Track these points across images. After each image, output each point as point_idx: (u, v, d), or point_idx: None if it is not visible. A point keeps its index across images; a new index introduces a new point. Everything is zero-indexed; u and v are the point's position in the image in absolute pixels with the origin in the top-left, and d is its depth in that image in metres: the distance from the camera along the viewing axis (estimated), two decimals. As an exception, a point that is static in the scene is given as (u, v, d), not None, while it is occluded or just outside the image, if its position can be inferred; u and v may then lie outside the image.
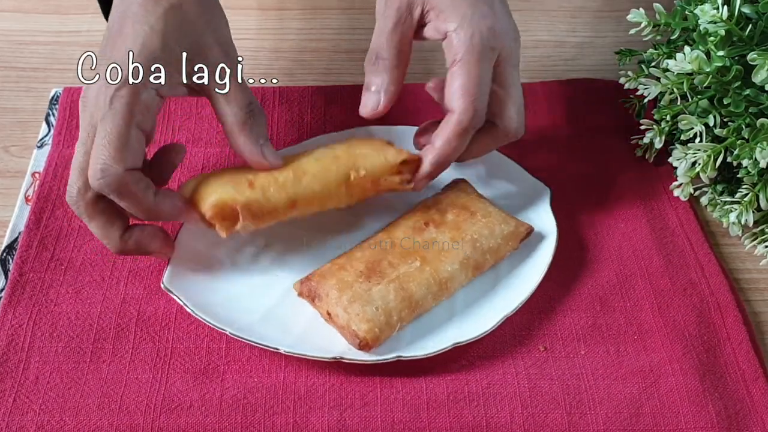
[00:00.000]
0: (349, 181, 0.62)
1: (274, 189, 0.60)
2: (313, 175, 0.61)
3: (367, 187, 0.63)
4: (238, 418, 0.58)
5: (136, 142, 0.56)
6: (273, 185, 0.60)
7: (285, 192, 0.60)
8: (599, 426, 0.59)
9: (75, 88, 0.80)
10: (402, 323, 0.61)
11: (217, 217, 0.59)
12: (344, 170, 0.62)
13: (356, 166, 0.62)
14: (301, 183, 0.60)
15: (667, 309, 0.65)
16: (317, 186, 0.61)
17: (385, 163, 0.63)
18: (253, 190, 0.59)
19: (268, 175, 0.60)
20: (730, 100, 0.65)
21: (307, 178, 0.61)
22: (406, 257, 0.62)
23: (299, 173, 0.61)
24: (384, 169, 0.63)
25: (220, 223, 0.59)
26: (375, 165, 0.62)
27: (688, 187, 0.70)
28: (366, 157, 0.63)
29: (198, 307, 0.61)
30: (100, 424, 0.58)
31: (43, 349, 0.61)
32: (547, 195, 0.70)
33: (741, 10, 0.64)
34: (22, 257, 0.67)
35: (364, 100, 0.64)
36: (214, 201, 0.59)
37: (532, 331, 0.64)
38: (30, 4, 0.92)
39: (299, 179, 0.60)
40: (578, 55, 0.89)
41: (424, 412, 0.59)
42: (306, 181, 0.61)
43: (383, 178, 0.63)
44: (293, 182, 0.60)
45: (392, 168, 0.63)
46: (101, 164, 0.55)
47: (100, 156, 0.55)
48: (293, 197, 0.60)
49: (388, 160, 0.63)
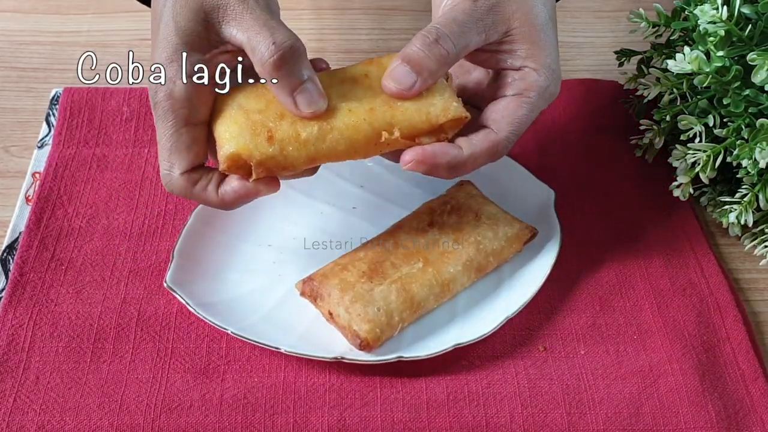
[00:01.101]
0: (379, 141, 0.56)
1: (294, 147, 0.55)
2: (340, 133, 0.55)
3: (399, 144, 0.57)
4: (238, 418, 0.59)
5: (189, 140, 0.56)
6: (293, 143, 0.55)
7: (306, 150, 0.55)
8: (599, 426, 0.59)
9: (75, 88, 0.80)
10: (403, 324, 0.61)
11: (231, 169, 0.56)
12: (376, 129, 0.56)
13: (391, 125, 0.56)
14: (325, 141, 0.55)
15: (667, 309, 0.65)
16: (342, 145, 0.56)
17: (425, 122, 0.57)
18: (272, 146, 0.55)
19: (291, 126, 0.55)
20: (730, 100, 0.65)
21: (334, 135, 0.55)
22: (409, 258, 0.62)
23: (325, 129, 0.55)
24: (422, 130, 0.57)
25: (236, 173, 0.56)
26: (413, 124, 0.56)
27: (688, 187, 0.70)
28: (405, 113, 0.56)
29: (200, 306, 0.61)
30: (100, 424, 0.58)
31: (44, 349, 0.62)
32: (552, 197, 0.70)
33: (741, 10, 0.64)
34: (22, 257, 0.67)
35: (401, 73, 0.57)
36: (229, 154, 0.55)
37: (532, 331, 0.64)
38: (30, 4, 0.92)
39: (324, 136, 0.55)
40: (578, 55, 0.89)
41: (424, 412, 0.59)
42: (331, 138, 0.55)
43: (419, 138, 0.57)
44: (316, 140, 0.55)
45: (432, 127, 0.57)
46: (162, 171, 0.57)
47: (160, 163, 0.57)
48: (314, 156, 0.56)
49: (429, 119, 0.57)
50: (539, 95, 0.59)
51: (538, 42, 0.59)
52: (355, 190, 0.72)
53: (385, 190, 0.72)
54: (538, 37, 0.59)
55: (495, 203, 0.67)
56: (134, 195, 0.72)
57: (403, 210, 0.68)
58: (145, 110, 0.79)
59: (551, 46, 0.60)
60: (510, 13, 0.58)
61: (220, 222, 0.68)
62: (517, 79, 0.59)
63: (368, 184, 0.72)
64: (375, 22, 0.92)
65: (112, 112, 0.78)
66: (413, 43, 0.57)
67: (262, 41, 0.54)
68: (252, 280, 0.65)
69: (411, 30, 0.90)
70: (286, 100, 0.55)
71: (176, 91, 0.56)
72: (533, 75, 0.59)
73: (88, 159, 0.74)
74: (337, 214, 0.70)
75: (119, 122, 0.78)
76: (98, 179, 0.73)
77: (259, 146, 0.55)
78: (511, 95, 0.59)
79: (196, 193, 0.57)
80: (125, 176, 0.73)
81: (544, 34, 0.59)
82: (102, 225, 0.69)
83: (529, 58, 0.59)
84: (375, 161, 0.73)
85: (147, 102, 0.79)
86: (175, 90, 0.56)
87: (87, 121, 0.77)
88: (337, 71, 0.59)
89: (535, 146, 0.76)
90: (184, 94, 0.56)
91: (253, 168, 0.55)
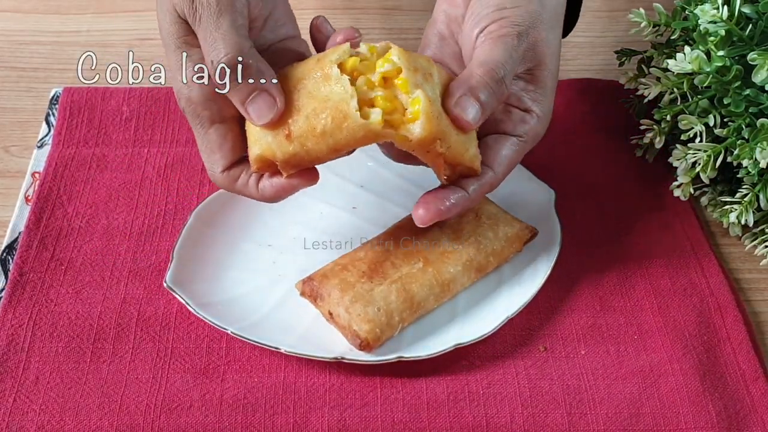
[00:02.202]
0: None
1: (313, 142, 0.53)
2: (355, 121, 0.52)
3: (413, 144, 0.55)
4: (238, 418, 0.58)
5: (219, 138, 0.57)
6: (311, 137, 0.53)
7: (325, 143, 0.53)
8: (599, 426, 0.59)
9: (75, 88, 0.80)
10: (403, 324, 0.61)
11: (262, 169, 0.57)
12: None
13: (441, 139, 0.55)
14: (341, 131, 0.53)
15: (667, 309, 0.65)
16: (361, 132, 0.53)
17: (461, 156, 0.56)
18: (291, 143, 0.54)
19: (306, 122, 0.53)
20: (730, 100, 0.65)
21: (349, 123, 0.52)
22: (409, 258, 0.62)
23: (339, 117, 0.52)
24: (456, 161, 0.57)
25: (268, 171, 0.57)
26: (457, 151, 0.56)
27: (688, 187, 0.70)
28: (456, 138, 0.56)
29: (200, 306, 0.61)
30: (100, 424, 0.58)
31: (43, 349, 0.61)
32: (552, 197, 0.70)
33: (741, 10, 0.64)
34: (22, 257, 0.67)
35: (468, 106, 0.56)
36: (255, 156, 0.55)
37: (532, 331, 0.64)
38: (30, 4, 0.92)
39: (339, 126, 0.52)
40: (578, 55, 0.89)
41: (424, 412, 0.59)
42: (348, 126, 0.52)
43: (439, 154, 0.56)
44: (333, 130, 0.53)
45: (459, 164, 0.57)
46: (207, 170, 0.59)
47: (204, 162, 0.59)
48: (334, 146, 0.53)
49: (464, 157, 0.57)
50: (533, 141, 0.61)
51: (551, 88, 0.60)
52: (355, 190, 0.72)
53: (385, 190, 0.72)
54: (552, 84, 0.60)
55: (495, 203, 0.67)
56: (134, 195, 0.72)
57: (403, 210, 0.68)
58: (145, 110, 0.79)
59: (554, 90, 0.61)
60: (542, 55, 0.59)
61: (220, 222, 0.68)
62: (520, 121, 0.60)
63: (368, 184, 0.72)
64: (377, 21, 0.92)
65: (111, 112, 0.78)
66: (481, 76, 0.56)
67: (208, 54, 0.54)
68: (252, 280, 0.65)
69: (412, 29, 0.90)
70: (240, 110, 0.56)
71: (193, 94, 0.56)
72: (535, 121, 0.60)
73: (88, 159, 0.74)
74: (337, 214, 0.70)
75: (119, 122, 0.78)
76: (98, 179, 0.73)
77: (280, 146, 0.54)
78: (513, 137, 0.60)
79: (239, 189, 0.58)
80: (125, 176, 0.73)
81: (554, 81, 0.61)
82: (102, 225, 0.69)
83: (537, 102, 0.60)
84: (375, 161, 0.73)
85: (147, 102, 0.79)
86: (192, 93, 0.56)
87: (87, 120, 0.77)
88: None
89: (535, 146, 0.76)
90: (201, 95, 0.56)
91: (280, 167, 0.55)
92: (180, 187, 0.73)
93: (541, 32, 0.59)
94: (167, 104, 0.79)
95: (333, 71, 0.53)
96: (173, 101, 0.79)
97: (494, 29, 0.58)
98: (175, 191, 0.72)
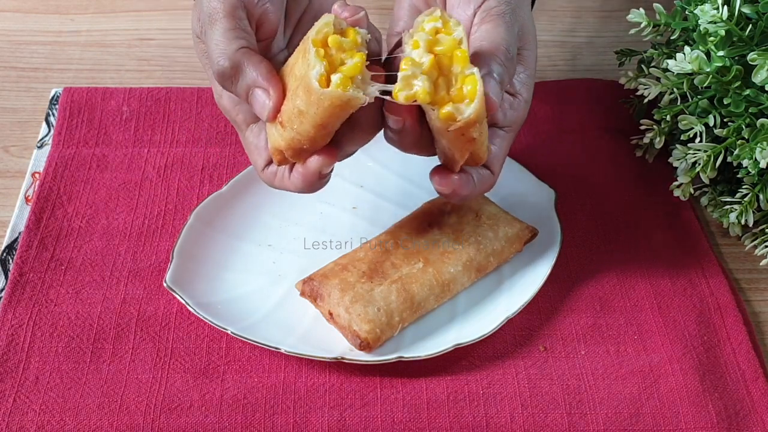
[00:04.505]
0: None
1: (297, 123, 0.52)
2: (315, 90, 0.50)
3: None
4: (238, 418, 0.58)
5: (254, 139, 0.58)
6: (294, 120, 0.52)
7: (307, 121, 0.51)
8: (599, 426, 0.59)
9: (75, 88, 0.80)
10: (403, 324, 0.61)
11: (283, 162, 0.56)
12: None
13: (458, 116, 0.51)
14: (312, 105, 0.51)
15: (667, 309, 0.65)
16: (326, 101, 0.50)
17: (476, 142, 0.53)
18: (285, 129, 0.53)
19: (289, 103, 0.52)
20: (730, 100, 0.65)
21: (314, 94, 0.50)
22: (409, 258, 0.62)
23: (307, 91, 0.50)
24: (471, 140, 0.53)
25: (287, 163, 0.56)
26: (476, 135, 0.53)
27: (688, 187, 0.70)
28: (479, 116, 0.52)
29: (200, 306, 0.61)
30: (100, 424, 0.58)
31: (43, 349, 0.61)
32: (552, 197, 0.70)
33: (741, 10, 0.64)
34: (22, 257, 0.67)
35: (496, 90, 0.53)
36: (270, 150, 0.55)
37: (532, 331, 0.64)
38: (30, 4, 0.92)
39: (309, 99, 0.51)
40: (578, 55, 0.89)
41: (424, 412, 0.59)
42: (314, 100, 0.50)
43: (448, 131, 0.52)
44: (307, 106, 0.51)
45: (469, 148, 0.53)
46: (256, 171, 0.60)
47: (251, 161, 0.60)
48: (315, 123, 0.51)
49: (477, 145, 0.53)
50: (518, 128, 0.59)
51: (534, 70, 0.59)
52: (355, 190, 0.72)
53: (385, 190, 0.72)
54: (535, 66, 0.59)
55: (495, 203, 0.67)
56: (134, 195, 0.72)
57: (403, 210, 0.68)
58: (145, 110, 0.79)
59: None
60: (528, 34, 0.58)
61: (220, 222, 0.68)
62: (509, 108, 0.57)
63: (368, 184, 0.72)
64: (376, 21, 0.91)
65: (111, 112, 0.78)
66: (500, 57, 0.53)
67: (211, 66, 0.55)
68: (252, 280, 0.65)
69: (411, 30, 0.90)
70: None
71: (224, 101, 0.58)
72: (522, 106, 0.58)
73: (88, 159, 0.74)
74: (337, 214, 0.70)
75: (119, 122, 0.78)
76: (98, 179, 0.73)
77: (280, 134, 0.54)
78: (501, 130, 0.57)
79: (278, 184, 0.58)
80: (125, 176, 0.73)
81: (536, 63, 0.59)
82: (102, 225, 0.69)
83: (525, 86, 0.58)
84: (375, 161, 0.73)
85: (147, 102, 0.79)
86: (223, 101, 0.58)
87: (87, 120, 0.77)
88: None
89: (535, 146, 0.76)
90: (230, 101, 0.58)
91: (288, 156, 0.55)
92: (180, 187, 0.73)
93: (525, 10, 0.58)
94: (167, 104, 0.79)
95: (309, 47, 0.51)
96: (173, 101, 0.79)
97: (493, 5, 0.55)
98: (175, 191, 0.72)
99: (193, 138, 0.77)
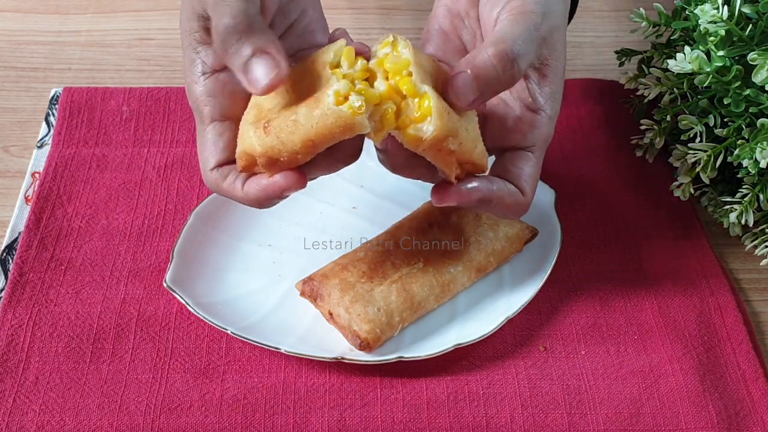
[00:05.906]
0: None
1: (286, 132, 0.51)
2: (326, 104, 0.49)
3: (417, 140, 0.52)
4: (238, 418, 0.58)
5: (215, 135, 0.56)
6: (285, 128, 0.51)
7: (298, 132, 0.50)
8: (599, 426, 0.59)
9: (75, 88, 0.80)
10: (403, 324, 0.61)
11: (247, 168, 0.54)
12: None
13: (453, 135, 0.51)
14: (313, 118, 0.50)
15: (667, 309, 0.65)
16: (330, 118, 0.49)
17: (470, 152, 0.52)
18: (269, 135, 0.51)
19: (285, 111, 0.51)
20: (731, 100, 0.65)
21: (321, 108, 0.50)
22: (409, 258, 0.62)
23: (313, 104, 0.50)
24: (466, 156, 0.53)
25: (250, 170, 0.54)
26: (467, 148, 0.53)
27: (688, 187, 0.70)
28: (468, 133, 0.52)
29: (200, 306, 0.61)
30: (100, 424, 0.58)
31: (43, 349, 0.61)
32: (552, 197, 0.70)
33: (741, 10, 0.64)
34: (22, 257, 0.67)
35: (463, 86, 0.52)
36: (239, 153, 0.53)
37: (532, 331, 0.64)
38: (30, 4, 0.92)
39: (311, 112, 0.50)
40: (578, 55, 0.89)
41: (424, 412, 0.59)
42: (319, 113, 0.49)
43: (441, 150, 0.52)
44: (306, 117, 0.50)
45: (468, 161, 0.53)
46: (200, 167, 0.57)
47: (199, 159, 0.57)
48: (306, 137, 0.50)
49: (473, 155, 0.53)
50: (546, 145, 0.57)
51: (561, 85, 0.56)
52: (355, 190, 0.72)
53: (385, 190, 0.72)
54: (563, 79, 0.56)
55: (495, 203, 0.67)
56: (134, 195, 0.72)
57: (403, 210, 0.68)
58: (145, 110, 0.79)
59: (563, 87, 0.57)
60: (557, 43, 0.55)
61: (221, 222, 0.68)
62: (529, 126, 0.55)
63: (368, 184, 0.72)
64: (376, 21, 0.92)
65: (111, 112, 0.78)
66: (489, 55, 0.51)
67: (216, 25, 0.52)
68: (252, 280, 0.65)
69: (412, 29, 0.90)
70: (241, 80, 0.52)
71: (198, 88, 0.56)
72: (546, 122, 0.56)
73: (88, 159, 0.74)
74: (337, 214, 0.70)
75: (119, 122, 0.78)
76: (98, 179, 0.73)
77: (259, 138, 0.52)
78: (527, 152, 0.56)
79: (225, 189, 0.56)
80: (125, 176, 0.73)
81: (564, 77, 0.56)
82: (101, 225, 0.69)
83: (549, 101, 0.56)
84: (375, 161, 0.73)
85: (147, 102, 0.79)
86: (197, 88, 0.56)
87: (87, 120, 0.77)
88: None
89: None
90: (204, 91, 0.56)
91: (260, 164, 0.53)
92: (180, 187, 0.73)
93: (558, 20, 0.55)
94: (167, 104, 0.79)
95: (329, 70, 0.51)
96: (173, 101, 0.79)
97: (518, 5, 0.53)
98: (175, 191, 0.72)
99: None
